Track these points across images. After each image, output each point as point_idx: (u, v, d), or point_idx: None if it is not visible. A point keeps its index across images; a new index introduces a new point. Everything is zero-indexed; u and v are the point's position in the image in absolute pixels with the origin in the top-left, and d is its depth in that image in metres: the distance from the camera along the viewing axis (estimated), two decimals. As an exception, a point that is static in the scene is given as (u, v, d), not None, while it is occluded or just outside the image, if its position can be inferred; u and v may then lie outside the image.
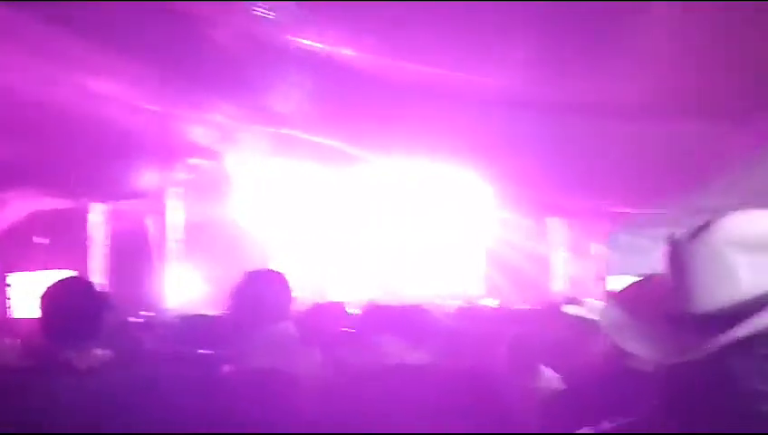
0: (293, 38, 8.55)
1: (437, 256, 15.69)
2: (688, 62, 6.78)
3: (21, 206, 14.18)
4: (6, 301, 14.68)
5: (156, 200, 13.61)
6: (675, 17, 6.30)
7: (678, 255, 1.78)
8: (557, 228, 14.99)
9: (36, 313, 3.33)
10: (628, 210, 9.14)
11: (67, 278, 3.66)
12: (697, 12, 6.23)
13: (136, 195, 14.20)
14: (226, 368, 3.34)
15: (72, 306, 3.28)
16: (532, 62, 7.54)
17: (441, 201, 15.14)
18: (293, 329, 3.71)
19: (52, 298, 3.32)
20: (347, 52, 8.64)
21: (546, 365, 5.01)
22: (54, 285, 3.39)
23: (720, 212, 1.84)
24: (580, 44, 7.05)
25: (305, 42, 8.54)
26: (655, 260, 5.52)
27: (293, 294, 3.65)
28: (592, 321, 5.79)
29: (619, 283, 5.73)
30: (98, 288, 3.52)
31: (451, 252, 15.71)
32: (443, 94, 8.65)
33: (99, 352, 3.24)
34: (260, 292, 3.52)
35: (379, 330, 3.46)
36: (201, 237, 14.90)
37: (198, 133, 12.48)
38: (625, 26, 6.59)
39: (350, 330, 4.22)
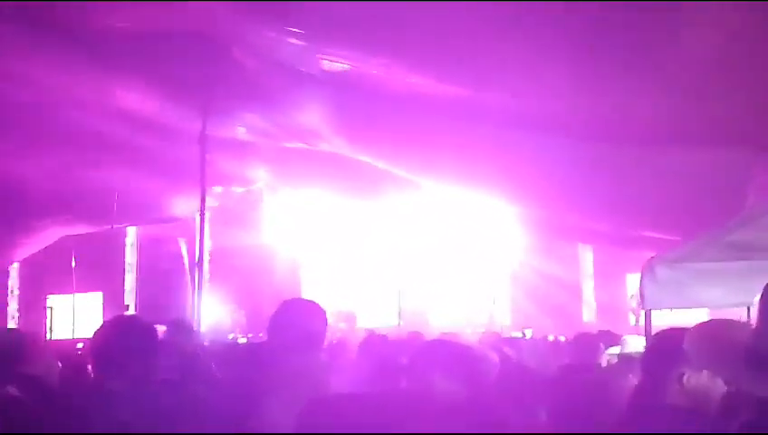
0: (322, 58, 8.68)
1: (467, 284, 15.64)
2: (717, 91, 6.79)
3: (58, 231, 14.40)
4: (46, 322, 14.87)
5: (188, 225, 13.75)
6: (699, 47, 6.32)
7: None
8: (590, 257, 14.92)
9: (85, 343, 3.43)
10: (663, 237, 9.12)
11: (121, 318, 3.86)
12: (722, 41, 6.25)
13: (168, 219, 14.38)
14: (257, 394, 3.38)
15: (125, 347, 3.38)
16: (566, 90, 7.58)
17: (471, 228, 15.14)
18: (325, 359, 3.74)
19: (105, 336, 3.44)
20: (374, 71, 8.74)
21: (587, 400, 4.96)
22: (109, 323, 3.52)
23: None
24: (612, 73, 7.09)
25: (332, 62, 8.67)
26: (692, 294, 5.46)
27: (327, 325, 3.68)
28: (630, 356, 5.77)
29: (656, 316, 5.70)
30: (150, 330, 3.62)
31: (481, 280, 15.67)
32: (474, 117, 8.69)
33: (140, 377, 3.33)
34: (295, 321, 3.56)
35: (427, 365, 3.49)
36: (232, 262, 15.03)
37: (230, 158, 12.63)
38: (653, 57, 6.63)
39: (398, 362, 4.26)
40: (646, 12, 6.15)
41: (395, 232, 15.72)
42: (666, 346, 3.10)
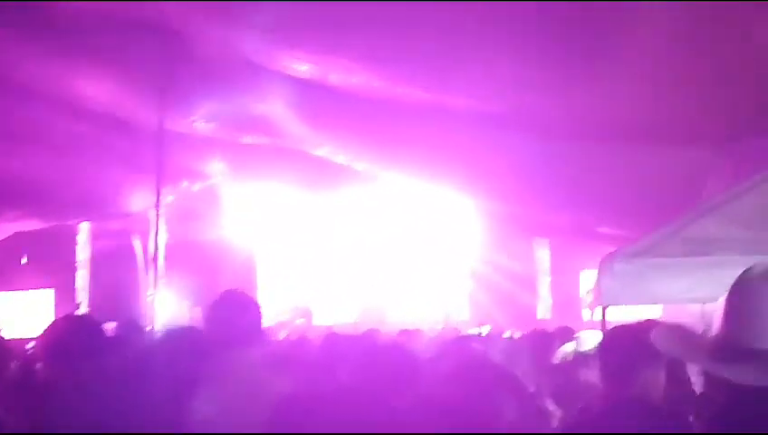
0: (287, 58, 8.61)
1: (424, 279, 15.65)
2: (676, 90, 6.88)
3: (8, 227, 14.09)
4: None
5: (142, 219, 13.55)
6: (661, 47, 6.40)
7: (749, 291, 1.87)
8: (546, 253, 15.02)
9: (33, 341, 3.40)
10: (619, 233, 9.21)
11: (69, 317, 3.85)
12: (682, 42, 6.34)
13: (123, 214, 14.15)
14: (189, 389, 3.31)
15: (73, 346, 3.34)
16: (523, 87, 7.63)
17: (429, 223, 15.16)
18: (260, 355, 3.66)
19: (53, 335, 3.40)
20: (337, 71, 8.71)
21: (540, 395, 4.97)
22: (57, 323, 3.48)
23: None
24: (572, 71, 7.14)
25: (297, 62, 8.61)
26: (651, 289, 5.48)
27: (263, 320, 3.62)
28: (586, 354, 5.80)
29: (613, 312, 5.73)
30: (97, 329, 3.57)
31: (438, 276, 15.69)
32: (435, 112, 8.71)
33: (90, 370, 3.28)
34: (230, 315, 3.50)
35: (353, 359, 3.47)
36: (188, 257, 14.85)
37: (187, 152, 12.47)
38: (615, 57, 6.69)
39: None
40: (606, 12, 6.21)
41: (353, 227, 15.68)
42: (625, 342, 3.11)
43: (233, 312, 3.50)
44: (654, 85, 6.98)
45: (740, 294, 1.88)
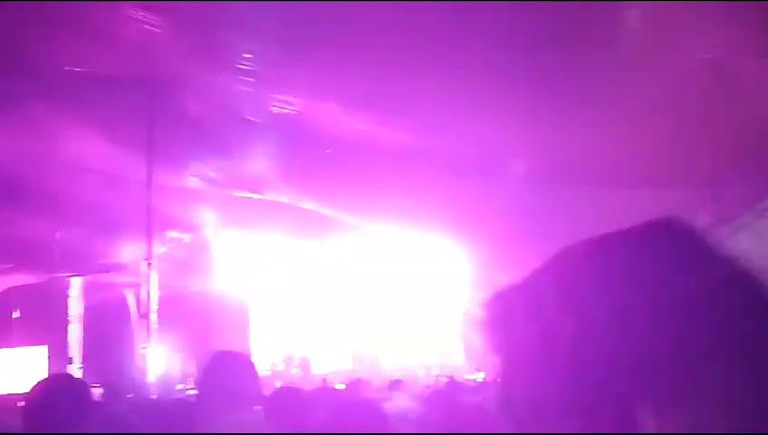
0: (270, 103, 8.67)
1: (418, 325, 15.55)
2: (660, 135, 6.94)
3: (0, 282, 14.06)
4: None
5: (135, 272, 13.51)
6: (646, 91, 6.47)
7: None
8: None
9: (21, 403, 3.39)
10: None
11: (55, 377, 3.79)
12: (667, 86, 6.41)
13: (114, 267, 14.11)
14: None
15: (55, 408, 3.33)
16: (507, 132, 7.69)
17: (420, 268, 15.12)
18: (262, 415, 3.63)
19: (37, 396, 3.38)
20: (323, 117, 8.77)
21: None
22: (42, 383, 3.46)
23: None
24: (556, 117, 7.21)
25: (284, 106, 8.66)
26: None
27: (261, 379, 3.59)
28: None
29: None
30: (82, 391, 3.56)
31: (432, 320, 15.59)
32: (416, 161, 8.76)
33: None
34: (227, 377, 3.46)
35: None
36: (181, 309, 14.77)
37: (177, 204, 12.49)
38: (599, 103, 6.76)
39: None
40: (588, 59, 6.29)
41: (345, 274, 15.64)
42: None
43: (227, 375, 3.47)
44: (636, 130, 7.04)
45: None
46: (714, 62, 6.11)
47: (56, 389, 3.44)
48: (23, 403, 3.44)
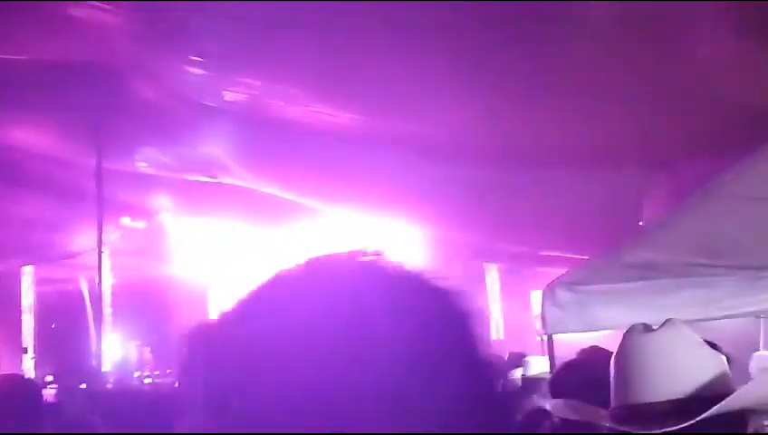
0: (224, 88, 8.54)
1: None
2: (610, 113, 6.95)
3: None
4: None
5: (87, 261, 13.30)
6: (599, 71, 6.46)
7: (627, 351, 1.98)
8: (495, 276, 15.02)
9: None
10: (564, 255, 9.26)
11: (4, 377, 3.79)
12: (620, 67, 6.40)
13: (67, 256, 13.88)
14: None
15: (6, 408, 3.28)
16: (465, 115, 7.65)
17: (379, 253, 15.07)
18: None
19: None
20: (277, 100, 8.65)
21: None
22: None
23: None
24: (509, 98, 7.18)
25: (237, 92, 8.53)
26: (596, 317, 5.45)
27: None
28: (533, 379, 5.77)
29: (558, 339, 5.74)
30: (33, 389, 3.50)
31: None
32: (378, 144, 8.70)
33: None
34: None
35: None
36: (136, 296, 14.60)
37: (131, 190, 12.31)
38: (552, 83, 6.74)
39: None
40: (540, 36, 6.24)
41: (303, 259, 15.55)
42: (574, 382, 3.06)
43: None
44: (593, 109, 7.04)
45: (621, 355, 2.00)
46: (673, 44, 6.11)
47: (7, 393, 3.39)
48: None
